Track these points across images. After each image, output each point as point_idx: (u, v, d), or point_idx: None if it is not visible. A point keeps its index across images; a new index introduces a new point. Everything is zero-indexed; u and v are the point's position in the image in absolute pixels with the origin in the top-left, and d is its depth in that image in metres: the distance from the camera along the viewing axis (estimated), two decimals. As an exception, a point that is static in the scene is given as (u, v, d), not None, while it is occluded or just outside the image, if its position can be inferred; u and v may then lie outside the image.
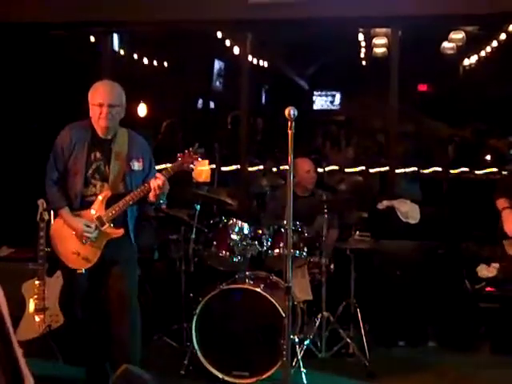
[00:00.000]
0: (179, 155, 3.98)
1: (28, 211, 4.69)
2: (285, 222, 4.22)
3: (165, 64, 9.42)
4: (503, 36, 7.15)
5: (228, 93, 9.93)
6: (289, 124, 3.22)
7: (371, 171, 7.96)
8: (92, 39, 6.82)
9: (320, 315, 4.98)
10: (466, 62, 9.28)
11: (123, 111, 4.06)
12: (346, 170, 8.19)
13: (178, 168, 3.98)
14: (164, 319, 5.33)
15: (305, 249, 4.91)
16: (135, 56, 8.71)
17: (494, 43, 7.68)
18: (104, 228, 3.98)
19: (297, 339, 4.63)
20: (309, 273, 5.17)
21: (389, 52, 6.82)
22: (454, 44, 7.95)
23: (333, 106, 12.30)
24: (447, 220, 5.89)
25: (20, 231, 5.56)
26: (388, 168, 6.36)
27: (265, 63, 9.89)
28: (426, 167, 7.94)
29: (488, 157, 8.38)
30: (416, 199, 6.10)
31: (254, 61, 8.31)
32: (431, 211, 5.91)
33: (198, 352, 4.58)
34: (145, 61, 8.91)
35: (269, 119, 9.34)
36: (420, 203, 5.91)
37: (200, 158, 4.01)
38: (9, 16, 6.24)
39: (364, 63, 9.33)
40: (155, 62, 9.18)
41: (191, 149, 3.97)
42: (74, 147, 3.99)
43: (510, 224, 4.44)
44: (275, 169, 7.88)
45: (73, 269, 4.01)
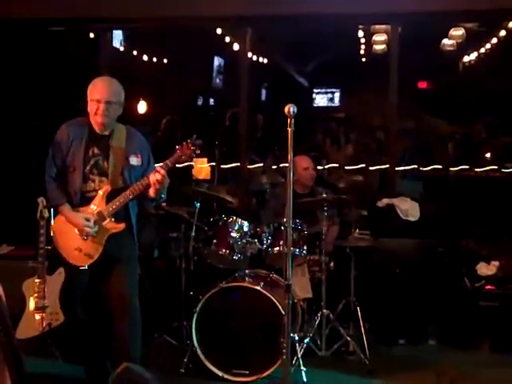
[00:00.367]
0: (177, 147, 3.97)
1: (28, 209, 4.68)
2: (285, 220, 4.22)
3: (164, 61, 9.42)
4: (503, 33, 7.15)
5: (228, 90, 9.92)
6: (288, 121, 3.21)
7: (371, 169, 7.94)
8: (91, 35, 6.81)
9: (320, 313, 4.99)
10: (466, 59, 9.28)
11: (121, 108, 4.05)
12: (346, 168, 8.18)
13: (177, 160, 3.96)
14: (164, 317, 5.32)
15: (305, 247, 4.90)
16: (135, 52, 8.71)
17: (494, 40, 7.67)
18: (105, 223, 3.98)
19: (297, 337, 4.63)
20: (309, 271, 5.18)
21: (388, 49, 6.79)
22: (454, 41, 7.93)
23: (332, 103, 12.29)
24: (447, 218, 5.88)
25: (20, 229, 5.55)
26: (388, 166, 6.35)
27: (264, 60, 9.89)
28: (426, 165, 7.92)
29: (488, 154, 8.34)
30: (418, 197, 6.10)
31: (254, 58, 8.31)
32: (431, 209, 5.90)
33: (198, 350, 4.58)
34: (144, 57, 8.91)
35: (268, 116, 9.31)
36: (422, 201, 5.91)
37: (198, 150, 3.99)
38: (9, 12, 6.23)
39: (364, 60, 9.32)
40: (155, 59, 9.17)
41: (189, 140, 3.96)
42: (72, 144, 4.00)
43: None
44: (275, 166, 7.86)
45: (75, 266, 4.01)
